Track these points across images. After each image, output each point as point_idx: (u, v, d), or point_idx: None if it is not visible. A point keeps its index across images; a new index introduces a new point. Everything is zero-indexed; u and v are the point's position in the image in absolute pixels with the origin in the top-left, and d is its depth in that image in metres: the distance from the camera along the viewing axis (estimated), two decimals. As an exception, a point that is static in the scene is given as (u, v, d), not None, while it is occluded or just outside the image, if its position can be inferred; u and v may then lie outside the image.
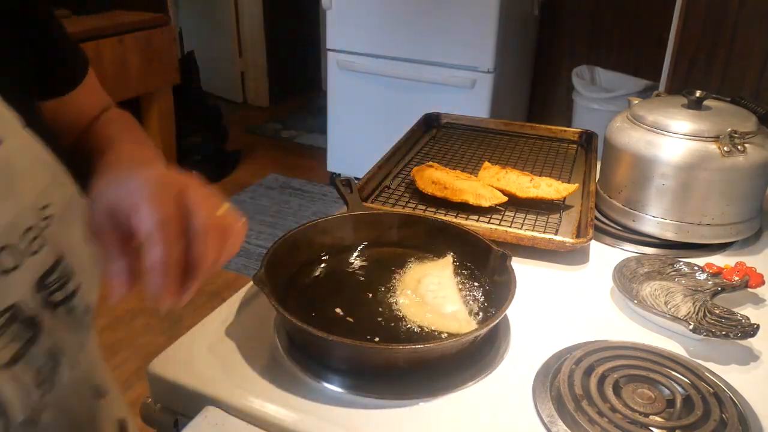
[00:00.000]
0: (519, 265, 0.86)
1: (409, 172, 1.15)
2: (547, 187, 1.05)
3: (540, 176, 1.10)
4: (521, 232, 0.92)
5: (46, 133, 0.50)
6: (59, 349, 0.49)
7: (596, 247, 0.98)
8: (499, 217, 1.02)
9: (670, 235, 0.97)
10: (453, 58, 2.76)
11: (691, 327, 0.72)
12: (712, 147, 0.91)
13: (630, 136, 0.98)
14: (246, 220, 0.50)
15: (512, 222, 1.00)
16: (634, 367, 0.68)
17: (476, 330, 0.67)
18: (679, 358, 0.70)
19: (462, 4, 2.66)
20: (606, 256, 0.95)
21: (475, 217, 1.01)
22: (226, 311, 0.78)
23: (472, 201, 1.02)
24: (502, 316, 0.71)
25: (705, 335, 0.72)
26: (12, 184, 0.45)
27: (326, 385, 0.67)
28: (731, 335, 0.71)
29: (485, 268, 0.82)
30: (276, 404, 0.64)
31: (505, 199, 1.03)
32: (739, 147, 0.89)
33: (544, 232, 0.94)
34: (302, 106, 4.54)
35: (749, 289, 0.82)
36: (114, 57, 2.50)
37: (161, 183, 0.47)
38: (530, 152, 1.30)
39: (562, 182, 1.08)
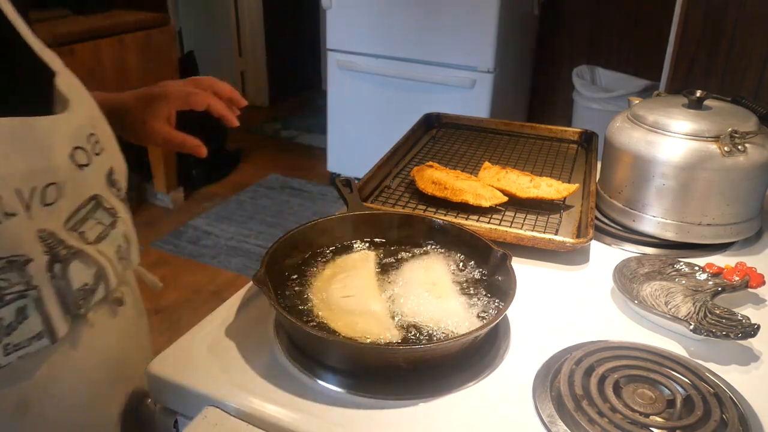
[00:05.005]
0: (519, 265, 0.86)
1: (409, 172, 1.15)
2: (548, 187, 1.05)
3: (540, 176, 1.10)
4: (521, 232, 0.92)
5: None
6: (130, 234, 0.65)
7: (596, 247, 0.97)
8: (499, 217, 1.01)
9: (670, 235, 0.97)
10: (453, 58, 2.76)
11: (691, 327, 0.72)
12: (713, 147, 0.91)
13: (630, 136, 0.98)
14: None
15: (512, 222, 1.00)
16: (635, 367, 0.68)
17: (476, 330, 0.67)
18: (680, 358, 0.70)
19: (462, 4, 2.66)
20: (606, 256, 0.95)
21: (475, 217, 1.00)
22: (226, 311, 0.78)
23: (472, 201, 1.01)
24: (502, 316, 0.71)
25: (705, 335, 0.72)
26: (76, 98, 0.60)
27: (326, 385, 0.67)
28: (731, 335, 0.71)
29: (485, 268, 0.82)
30: (276, 404, 0.64)
31: (505, 199, 1.03)
32: (739, 147, 0.89)
33: (544, 232, 0.94)
34: (302, 106, 4.54)
35: (749, 290, 0.82)
36: (114, 57, 2.50)
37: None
38: (530, 152, 1.30)
39: (562, 182, 1.08)
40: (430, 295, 0.76)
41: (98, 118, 0.63)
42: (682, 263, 0.87)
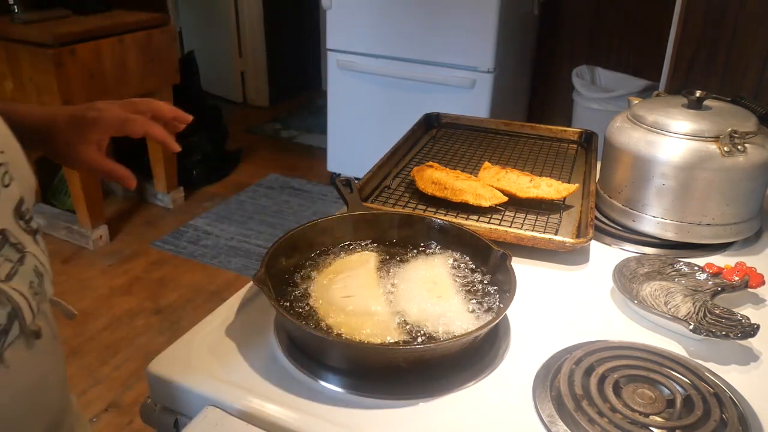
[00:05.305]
0: (519, 265, 0.86)
1: (409, 172, 1.15)
2: (547, 187, 1.05)
3: (540, 176, 1.10)
4: (521, 232, 0.92)
5: None
6: (41, 266, 0.61)
7: (596, 247, 0.98)
8: (499, 217, 1.02)
9: (670, 235, 0.97)
10: (453, 58, 2.76)
11: (691, 327, 0.72)
12: (712, 147, 0.91)
13: (630, 136, 0.98)
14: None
15: (512, 222, 1.00)
16: (634, 367, 0.68)
17: (476, 330, 0.67)
18: (679, 358, 0.70)
19: (462, 4, 2.66)
20: (606, 256, 0.95)
21: (475, 217, 1.01)
22: (226, 311, 0.78)
23: (472, 201, 1.02)
24: (502, 316, 0.71)
25: (705, 335, 0.72)
26: None
27: (326, 385, 0.67)
28: (731, 335, 0.71)
29: (485, 268, 0.82)
30: (276, 404, 0.64)
31: (505, 199, 1.03)
32: (739, 147, 0.89)
33: (544, 232, 0.94)
34: (302, 106, 4.54)
35: (749, 289, 0.82)
36: (114, 57, 2.50)
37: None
38: (530, 152, 1.30)
39: (562, 182, 1.08)
40: (430, 294, 0.76)
41: (8, 146, 0.58)
42: (681, 263, 0.87)
